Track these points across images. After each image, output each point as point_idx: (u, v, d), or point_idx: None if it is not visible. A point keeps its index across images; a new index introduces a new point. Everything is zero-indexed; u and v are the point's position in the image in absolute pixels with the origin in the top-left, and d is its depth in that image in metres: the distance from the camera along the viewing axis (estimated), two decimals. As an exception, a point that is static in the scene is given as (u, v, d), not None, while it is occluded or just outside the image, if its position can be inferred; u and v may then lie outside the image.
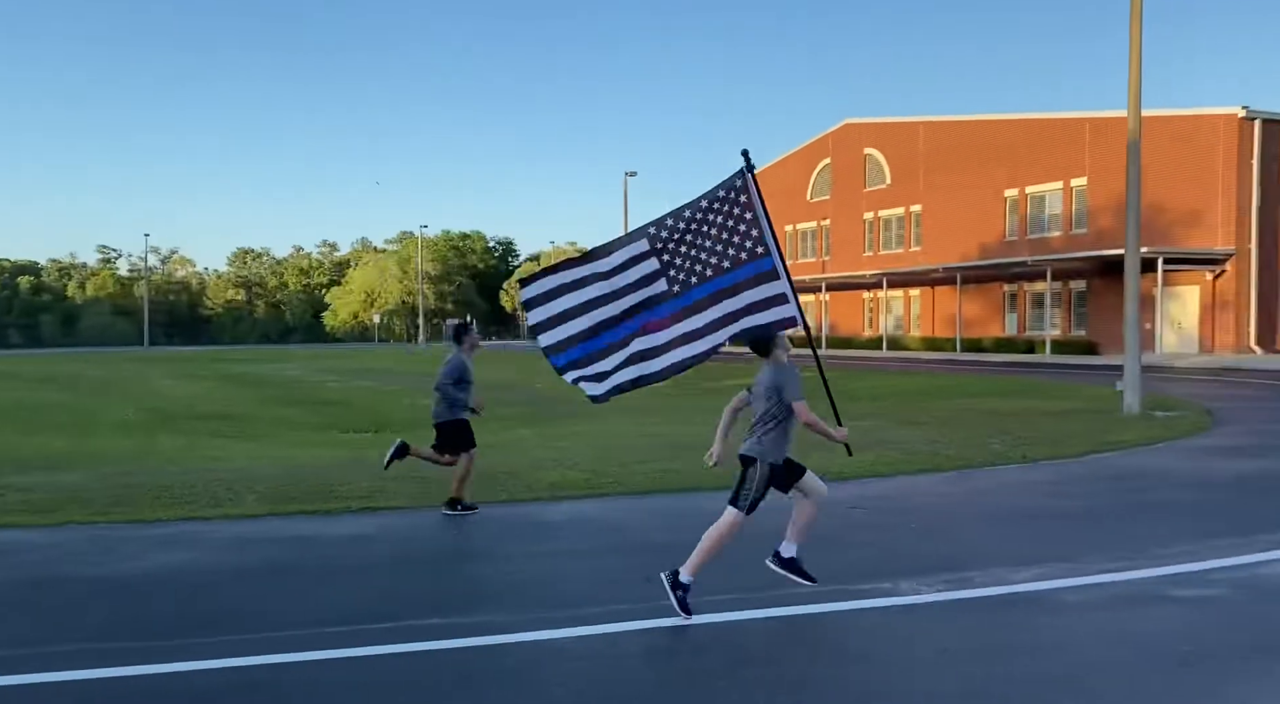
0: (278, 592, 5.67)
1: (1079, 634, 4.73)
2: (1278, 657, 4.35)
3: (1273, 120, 32.91)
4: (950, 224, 44.15)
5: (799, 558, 5.30)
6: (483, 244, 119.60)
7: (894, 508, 8.07)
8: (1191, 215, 33.87)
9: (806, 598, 5.29)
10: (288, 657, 4.44)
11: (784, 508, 5.42)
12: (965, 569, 5.89)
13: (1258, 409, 16.13)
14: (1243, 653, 4.41)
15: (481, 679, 4.17)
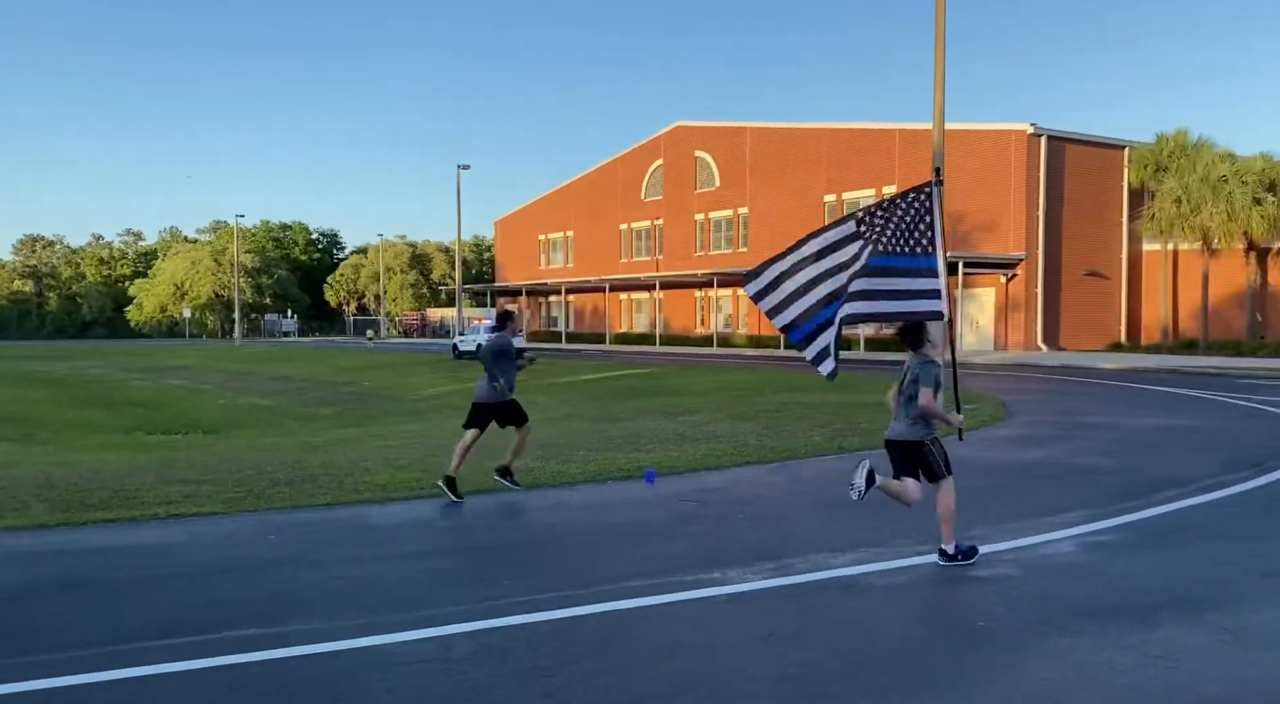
0: (76, 608, 5.23)
1: (888, 614, 5.07)
2: (1060, 629, 4.82)
3: (1057, 137, 36.21)
4: (775, 226, 45.99)
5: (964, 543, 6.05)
6: (305, 236, 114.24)
7: (723, 499, 8.35)
8: (988, 222, 36.79)
9: (637, 591, 5.39)
10: (89, 678, 4.12)
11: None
12: (787, 556, 6.18)
13: (1043, 402, 17.73)
14: (1030, 626, 4.86)
15: (303, 690, 4.01)
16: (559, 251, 61.71)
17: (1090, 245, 37.39)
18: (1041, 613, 5.03)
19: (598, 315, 57.01)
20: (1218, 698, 3.92)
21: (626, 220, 55.51)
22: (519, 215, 65.54)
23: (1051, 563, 6.09)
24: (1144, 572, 5.87)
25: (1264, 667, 4.28)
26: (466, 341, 41.33)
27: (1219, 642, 4.58)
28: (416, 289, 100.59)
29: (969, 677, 4.15)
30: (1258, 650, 4.48)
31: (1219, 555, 6.28)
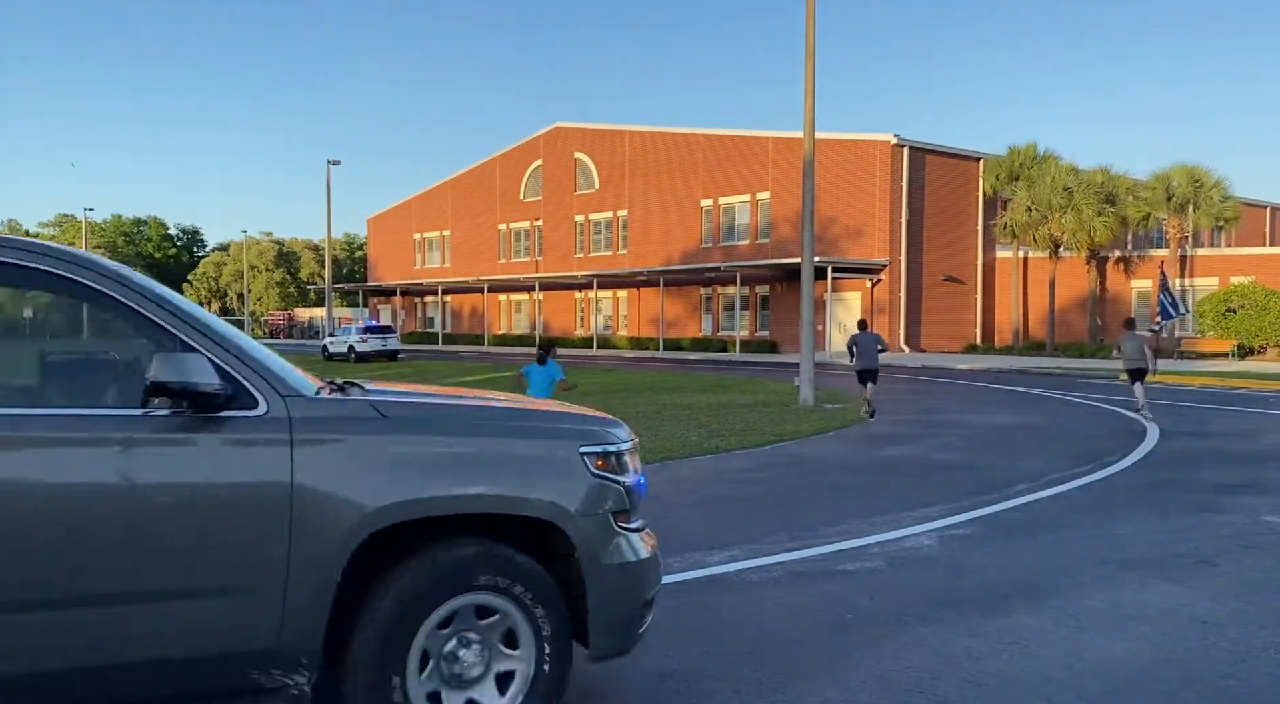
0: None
1: (760, 609, 5.20)
2: (922, 618, 5.05)
3: (918, 147, 37.97)
4: (654, 229, 46.48)
5: None
6: (161, 231, 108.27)
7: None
8: (855, 229, 38.23)
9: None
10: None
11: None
12: (666, 556, 6.25)
13: (904, 401, 18.56)
14: (894, 616, 5.08)
15: None
16: (435, 251, 60.53)
17: (949, 252, 39.38)
18: (905, 603, 5.26)
19: (476, 317, 56.24)
20: (1062, 679, 4.19)
21: (505, 220, 54.97)
22: (393, 213, 63.95)
23: (914, 556, 6.38)
24: (997, 562, 6.22)
25: (1103, 649, 4.61)
26: (337, 343, 39.99)
27: (1064, 626, 4.91)
28: (284, 288, 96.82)
29: (839, 666, 4.31)
30: (1098, 634, 4.82)
31: (1064, 546, 6.72)
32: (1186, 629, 4.87)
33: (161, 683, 2.89)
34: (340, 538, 2.97)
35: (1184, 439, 12.60)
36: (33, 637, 2.70)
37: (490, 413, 3.42)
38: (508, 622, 3.25)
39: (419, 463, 3.11)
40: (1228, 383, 22.93)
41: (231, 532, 2.89)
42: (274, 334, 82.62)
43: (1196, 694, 4.03)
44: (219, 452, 2.91)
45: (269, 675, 2.98)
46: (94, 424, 2.83)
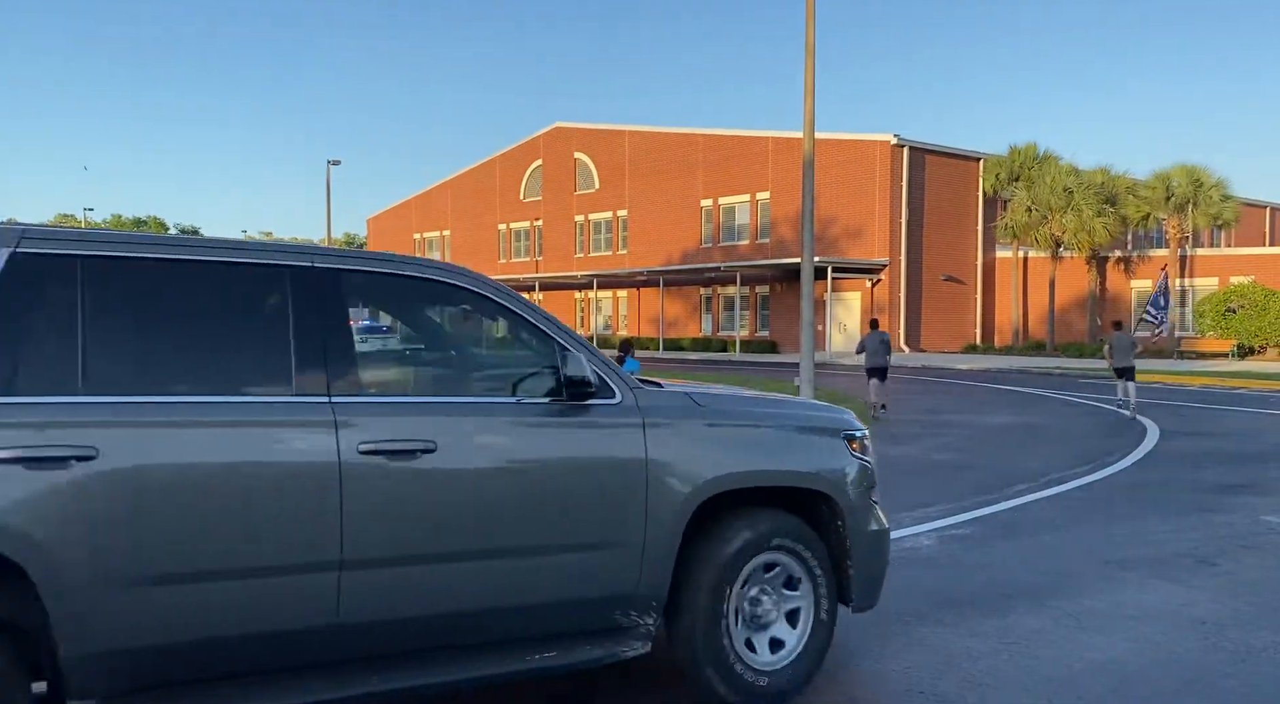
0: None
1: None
2: (922, 618, 5.05)
3: (918, 147, 37.97)
4: (654, 229, 46.47)
5: None
6: (161, 231, 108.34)
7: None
8: (855, 229, 38.24)
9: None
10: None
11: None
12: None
13: (905, 401, 18.57)
14: (894, 617, 5.07)
15: None
16: (435, 251, 60.53)
17: (948, 252, 39.39)
18: (905, 603, 5.27)
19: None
20: (1062, 679, 4.20)
21: (505, 220, 54.97)
22: (393, 213, 63.97)
23: (914, 556, 6.38)
24: (997, 562, 6.23)
25: (1103, 649, 4.62)
26: (337, 343, 39.96)
27: (1064, 626, 4.91)
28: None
29: (833, 665, 4.31)
30: (1098, 634, 4.83)
31: (1064, 546, 6.73)
32: (1186, 629, 4.87)
33: (552, 621, 3.52)
34: (682, 503, 3.63)
35: (1184, 439, 12.61)
36: (470, 582, 3.31)
37: (773, 403, 4.13)
38: (788, 571, 3.93)
39: (734, 443, 3.82)
40: (1227, 383, 22.94)
41: (605, 496, 3.52)
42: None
43: (1196, 694, 4.04)
44: (592, 432, 3.56)
45: (628, 616, 3.65)
46: (496, 409, 3.48)
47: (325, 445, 3.09)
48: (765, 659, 3.85)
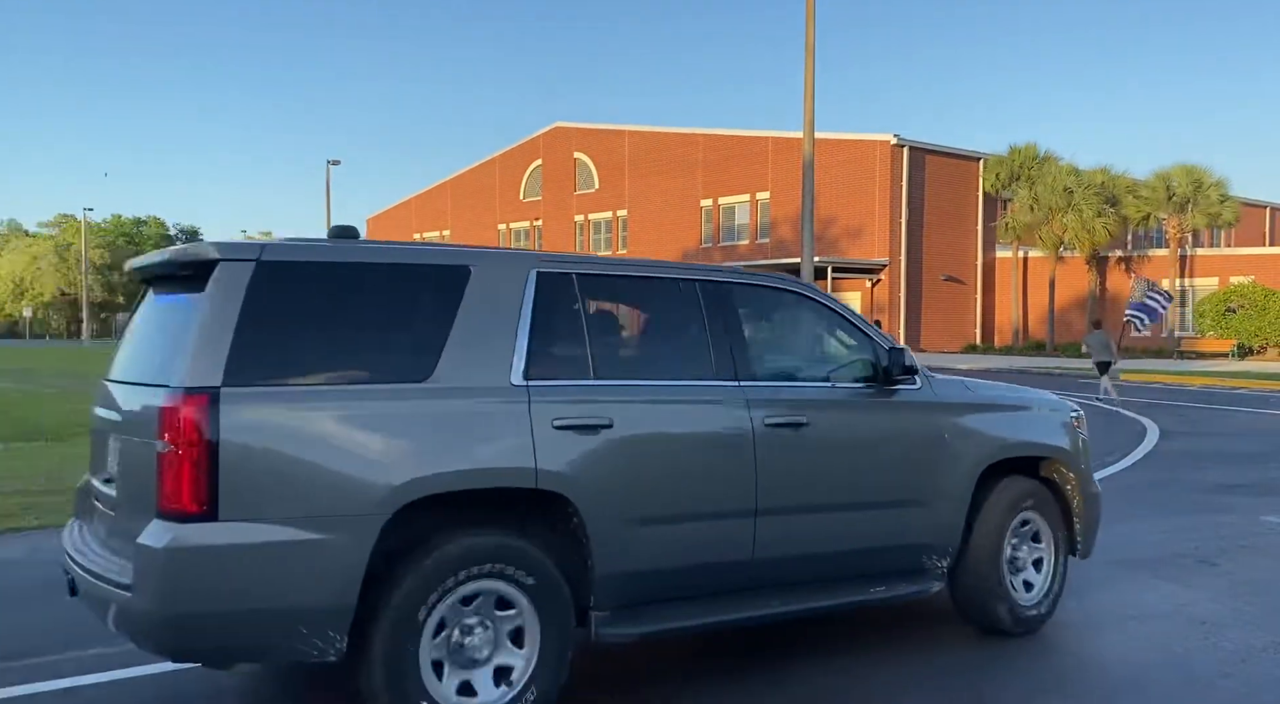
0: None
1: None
2: (919, 619, 5.03)
3: (918, 147, 37.97)
4: (654, 229, 46.45)
5: None
6: (160, 231, 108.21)
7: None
8: (855, 229, 38.24)
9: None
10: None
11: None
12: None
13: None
14: (893, 616, 5.06)
15: None
16: (434, 251, 60.48)
17: (948, 251, 39.37)
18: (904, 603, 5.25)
19: (475, 316, 56.17)
20: (1062, 678, 4.18)
21: (505, 220, 54.95)
22: (393, 213, 63.94)
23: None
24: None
25: (1103, 649, 4.61)
26: (337, 343, 39.95)
27: (1063, 626, 4.89)
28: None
29: (835, 665, 4.28)
30: (1097, 633, 4.82)
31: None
32: (1186, 629, 4.86)
33: (882, 562, 4.36)
34: (970, 468, 4.51)
35: (1184, 439, 12.60)
36: (832, 529, 4.17)
37: (1018, 389, 5.07)
38: (1036, 527, 4.82)
39: (1002, 422, 4.72)
40: (1227, 383, 22.93)
41: (917, 463, 4.39)
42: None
43: (1196, 694, 4.03)
44: (906, 411, 4.43)
45: (930, 560, 4.48)
46: (840, 393, 4.33)
47: (743, 419, 3.94)
48: (1024, 597, 4.69)
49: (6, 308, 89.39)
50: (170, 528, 3.00)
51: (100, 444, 3.72)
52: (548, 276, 3.74)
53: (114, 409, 3.56)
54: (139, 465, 3.23)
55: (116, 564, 3.21)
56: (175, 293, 3.50)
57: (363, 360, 3.33)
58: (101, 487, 3.62)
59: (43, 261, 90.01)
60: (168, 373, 3.16)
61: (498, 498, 3.47)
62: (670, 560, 3.74)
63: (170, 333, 3.37)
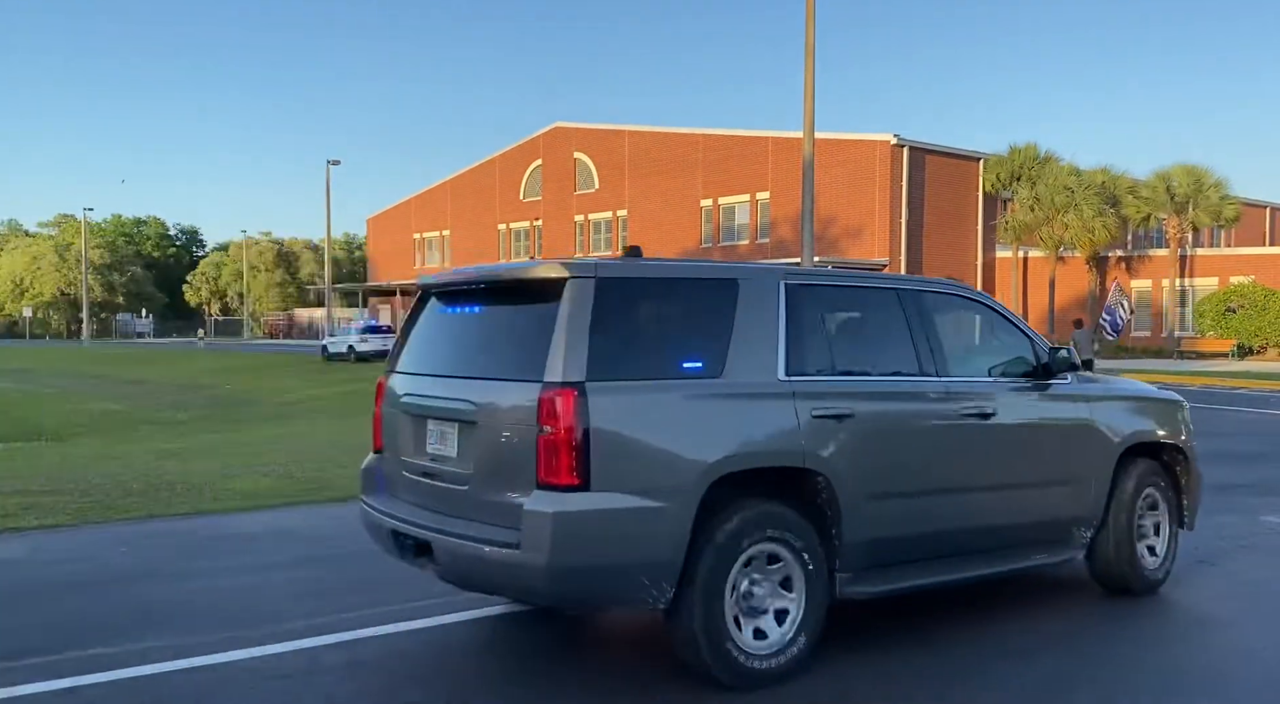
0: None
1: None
2: (920, 617, 5.04)
3: (918, 147, 37.94)
4: (654, 229, 46.42)
5: None
6: (160, 231, 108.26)
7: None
8: (855, 229, 38.23)
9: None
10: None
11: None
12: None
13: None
14: (893, 616, 5.06)
15: (159, 711, 3.80)
16: (435, 251, 60.52)
17: (949, 252, 39.35)
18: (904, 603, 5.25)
19: (475, 316, 56.10)
20: (1062, 679, 4.18)
21: (505, 220, 54.94)
22: (393, 213, 63.94)
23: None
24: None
25: (1103, 649, 4.60)
26: (337, 343, 39.93)
27: (1064, 626, 4.89)
28: (283, 288, 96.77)
29: (829, 661, 4.29)
30: (1098, 633, 4.81)
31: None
32: (1186, 629, 4.87)
33: (1042, 532, 5.04)
34: (1112, 452, 5.24)
35: (1184, 439, 12.58)
36: (1013, 503, 4.90)
37: (1139, 385, 5.86)
38: (1154, 499, 5.49)
39: (1134, 412, 5.49)
40: (1227, 383, 22.93)
41: (1070, 447, 5.11)
42: (273, 334, 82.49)
43: (1196, 694, 4.03)
44: (1060, 402, 5.16)
45: (1078, 531, 5.18)
46: (1010, 387, 5.05)
47: (947, 410, 4.65)
48: (1148, 563, 5.41)
49: (6, 308, 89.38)
50: (553, 497, 3.67)
51: (412, 428, 4.43)
52: (792, 287, 4.38)
53: (456, 400, 4.15)
54: (501, 446, 3.89)
55: (488, 528, 3.86)
56: (504, 303, 4.24)
57: (674, 360, 3.99)
58: (430, 464, 4.30)
59: (43, 261, 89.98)
60: (534, 370, 3.78)
61: (772, 475, 4.11)
62: (897, 529, 4.42)
63: (514, 336, 4.15)
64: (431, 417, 4.32)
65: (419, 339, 4.71)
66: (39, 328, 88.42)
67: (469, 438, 4.07)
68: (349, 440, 12.92)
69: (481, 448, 4.00)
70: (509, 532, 3.74)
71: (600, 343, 3.79)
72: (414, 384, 4.52)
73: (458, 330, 4.53)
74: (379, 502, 4.57)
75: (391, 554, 4.42)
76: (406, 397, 4.54)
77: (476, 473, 4.02)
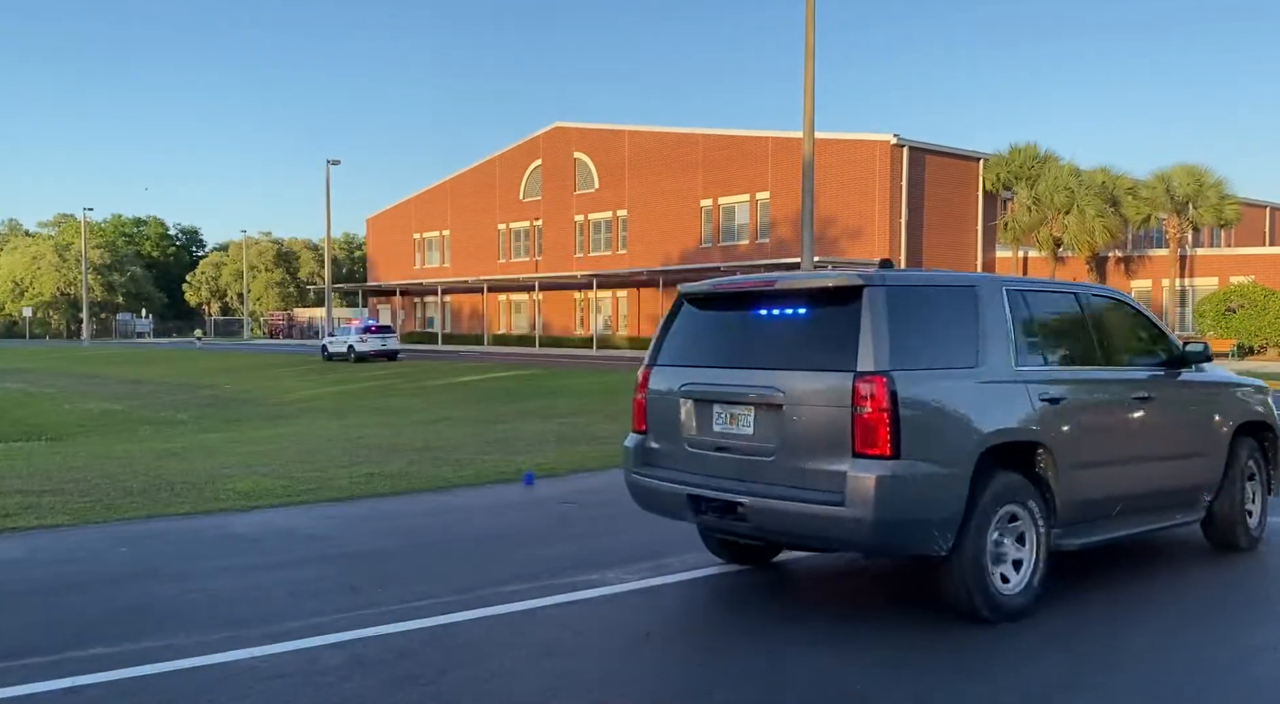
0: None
1: (766, 613, 5.18)
2: (921, 619, 5.03)
3: (918, 147, 37.94)
4: (654, 229, 46.43)
5: None
6: (160, 231, 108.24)
7: (603, 500, 8.35)
8: (855, 229, 38.22)
9: (515, 596, 5.34)
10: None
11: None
12: (666, 556, 6.24)
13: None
14: (893, 615, 5.04)
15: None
16: (435, 251, 60.50)
17: (949, 252, 39.35)
18: (904, 603, 5.23)
19: (476, 316, 56.20)
20: (1062, 679, 4.18)
21: (505, 220, 54.92)
22: (393, 213, 63.91)
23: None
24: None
25: (1103, 649, 4.60)
26: (337, 342, 39.91)
27: (1062, 626, 4.88)
28: (283, 288, 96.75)
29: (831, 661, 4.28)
30: (1097, 634, 4.81)
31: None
32: (1186, 629, 4.86)
33: (1179, 498, 6.01)
34: (1229, 429, 6.29)
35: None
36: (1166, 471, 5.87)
37: (1235, 376, 6.75)
38: (1252, 471, 6.54)
39: (1242, 396, 6.49)
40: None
41: (1198, 425, 6.15)
42: (273, 334, 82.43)
43: (1196, 694, 4.02)
44: (1190, 389, 6.19)
45: (1203, 497, 6.16)
46: (1156, 376, 6.00)
47: (1122, 393, 5.70)
48: (1251, 523, 6.45)
49: (6, 308, 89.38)
50: (872, 464, 4.52)
51: (695, 411, 5.33)
52: (1010, 292, 5.27)
53: (755, 386, 5.00)
54: (811, 425, 4.76)
55: (804, 491, 4.73)
56: (799, 306, 5.08)
57: (946, 353, 4.86)
58: (722, 440, 5.17)
59: (43, 261, 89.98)
60: (845, 362, 4.65)
61: (1014, 449, 4.99)
62: (1093, 493, 5.34)
63: (815, 334, 4.96)
64: (719, 401, 5.19)
65: (684, 337, 5.59)
66: (39, 328, 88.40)
67: (771, 418, 4.93)
68: (349, 440, 12.91)
69: (787, 426, 4.85)
70: (826, 493, 4.61)
71: (896, 339, 4.66)
72: (690, 375, 5.38)
73: (743, 329, 5.35)
74: (658, 473, 5.48)
75: (676, 516, 5.42)
76: (686, 385, 5.37)
77: (782, 446, 4.87)
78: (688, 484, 5.20)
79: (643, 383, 5.68)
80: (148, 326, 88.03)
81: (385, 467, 10.21)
